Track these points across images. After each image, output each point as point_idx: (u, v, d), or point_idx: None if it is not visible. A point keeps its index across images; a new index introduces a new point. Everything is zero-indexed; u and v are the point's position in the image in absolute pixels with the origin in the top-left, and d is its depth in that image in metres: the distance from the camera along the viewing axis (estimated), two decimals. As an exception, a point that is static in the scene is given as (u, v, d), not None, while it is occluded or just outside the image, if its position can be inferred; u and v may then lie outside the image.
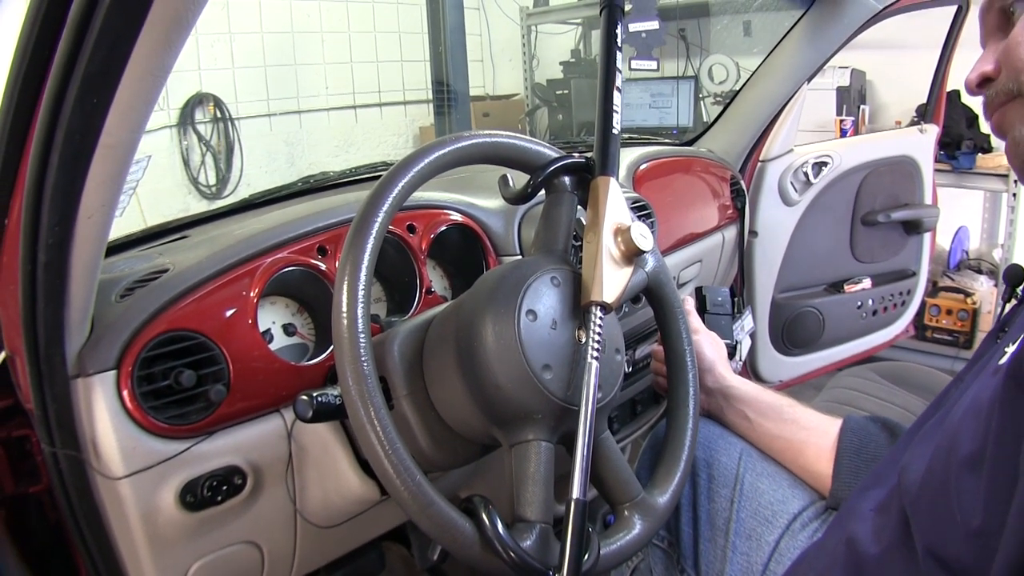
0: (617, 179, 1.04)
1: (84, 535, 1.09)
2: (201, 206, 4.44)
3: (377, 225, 0.90)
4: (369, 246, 0.88)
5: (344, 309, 0.86)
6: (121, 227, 1.31)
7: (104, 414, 1.00)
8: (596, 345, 0.91)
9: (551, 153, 1.09)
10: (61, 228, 0.87)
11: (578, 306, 0.98)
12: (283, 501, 1.19)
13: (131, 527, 1.07)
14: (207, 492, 1.08)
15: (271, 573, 1.27)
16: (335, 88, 5.00)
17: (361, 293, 0.87)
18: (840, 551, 0.81)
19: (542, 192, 1.10)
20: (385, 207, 0.91)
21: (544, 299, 0.96)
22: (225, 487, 1.10)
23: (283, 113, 4.77)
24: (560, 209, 1.07)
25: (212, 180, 4.58)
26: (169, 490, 1.06)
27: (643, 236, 0.98)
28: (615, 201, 1.01)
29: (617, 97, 1.07)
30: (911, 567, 0.68)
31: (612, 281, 0.96)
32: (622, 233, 0.98)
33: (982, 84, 0.83)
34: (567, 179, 1.07)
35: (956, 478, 0.63)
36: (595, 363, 0.90)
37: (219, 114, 4.53)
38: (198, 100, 4.48)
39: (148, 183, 4.04)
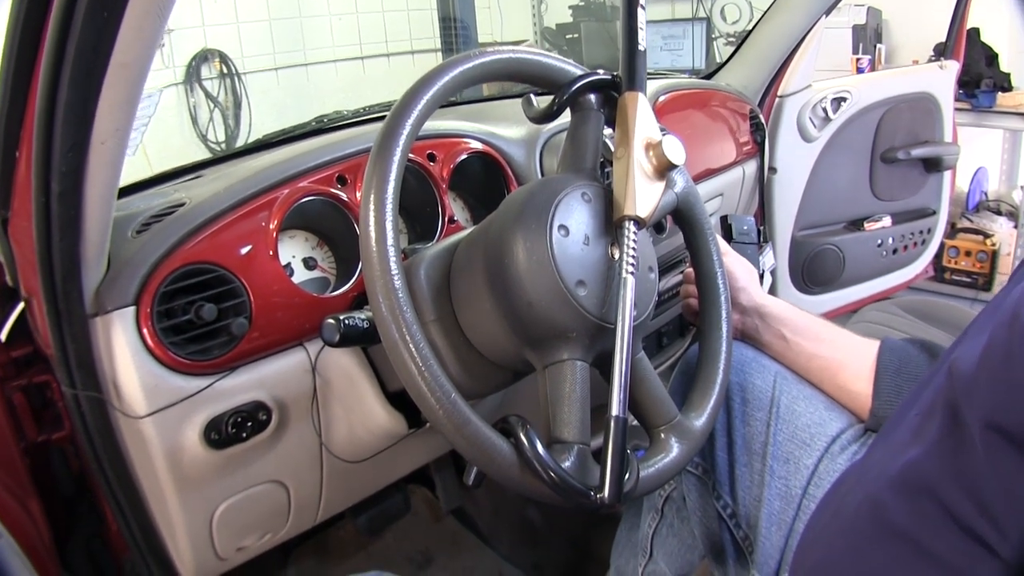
0: (645, 95, 1.00)
1: (108, 478, 1.09)
2: (211, 164, 4.41)
3: (404, 137, 0.86)
4: (396, 158, 0.85)
5: (372, 222, 0.82)
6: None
7: (124, 351, 0.99)
8: (631, 260, 0.88)
9: (576, 70, 1.05)
10: (74, 155, 0.85)
11: (610, 222, 0.95)
12: (309, 437, 1.18)
13: (156, 467, 1.06)
14: (232, 429, 1.07)
15: (297, 514, 1.26)
16: (341, 39, 4.92)
17: (389, 206, 0.83)
18: (887, 464, 0.79)
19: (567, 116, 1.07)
20: (411, 119, 0.87)
21: (576, 214, 0.93)
22: (250, 423, 1.09)
23: (290, 66, 4.71)
24: (587, 127, 1.04)
25: (221, 137, 4.54)
26: (193, 428, 1.05)
27: (675, 150, 0.95)
28: (644, 116, 0.98)
29: (641, 14, 1.03)
30: (958, 460, 0.66)
31: (645, 196, 0.93)
32: (653, 148, 0.95)
33: None
34: (593, 97, 1.04)
35: (1021, 344, 0.61)
36: (631, 278, 0.87)
37: (225, 70, 4.48)
38: (203, 56, 4.43)
39: (157, 141, 4.01)
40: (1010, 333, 0.62)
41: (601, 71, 1.04)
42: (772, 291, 2.47)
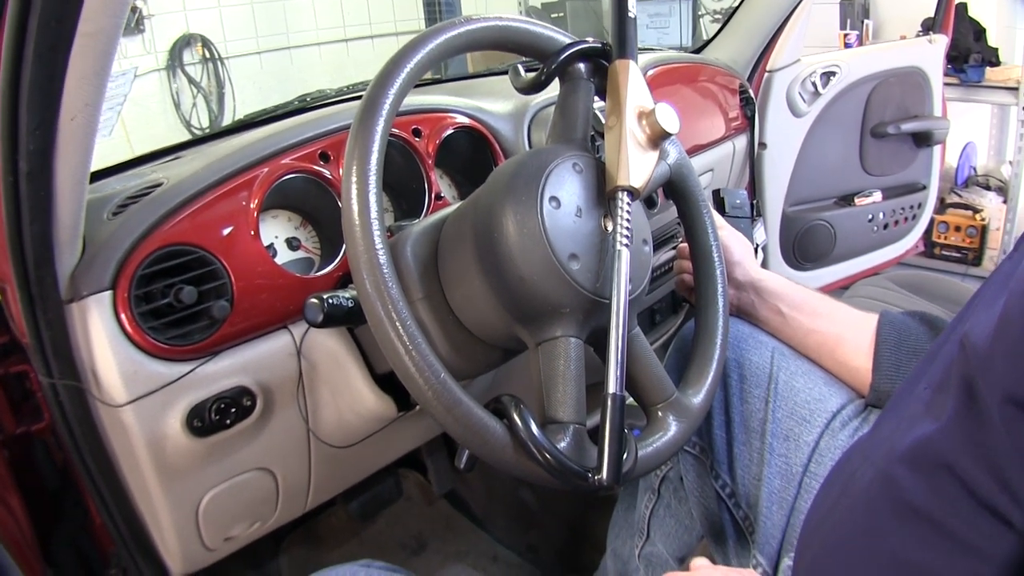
0: (636, 62, 0.97)
1: (90, 469, 1.06)
2: (194, 150, 4.39)
3: (387, 107, 0.83)
4: (379, 129, 0.82)
5: (354, 195, 0.79)
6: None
7: (102, 338, 0.96)
8: (625, 232, 0.86)
9: (564, 38, 1.02)
10: (42, 132, 0.82)
11: (603, 193, 0.93)
12: (295, 422, 1.15)
13: (138, 457, 1.04)
14: (215, 416, 1.04)
15: (286, 502, 1.24)
16: (325, 22, 4.87)
17: (373, 179, 0.80)
18: (895, 439, 0.77)
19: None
20: (395, 88, 0.84)
21: (567, 186, 0.90)
22: (234, 409, 1.06)
23: (273, 50, 4.67)
24: (576, 97, 1.01)
25: (205, 122, 4.50)
26: (175, 415, 1.02)
27: (669, 118, 0.92)
28: (636, 84, 0.95)
29: (631, -21, 1.00)
30: (977, 434, 0.64)
31: (638, 165, 0.90)
32: (646, 116, 0.92)
33: None
34: (582, 66, 1.01)
35: None
36: (625, 251, 0.85)
37: (208, 54, 4.44)
38: (186, 41, 4.39)
39: (141, 129, 3.97)
40: None
41: (591, 39, 1.01)
42: (764, 267, 2.45)
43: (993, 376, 0.62)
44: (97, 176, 1.21)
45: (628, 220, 0.87)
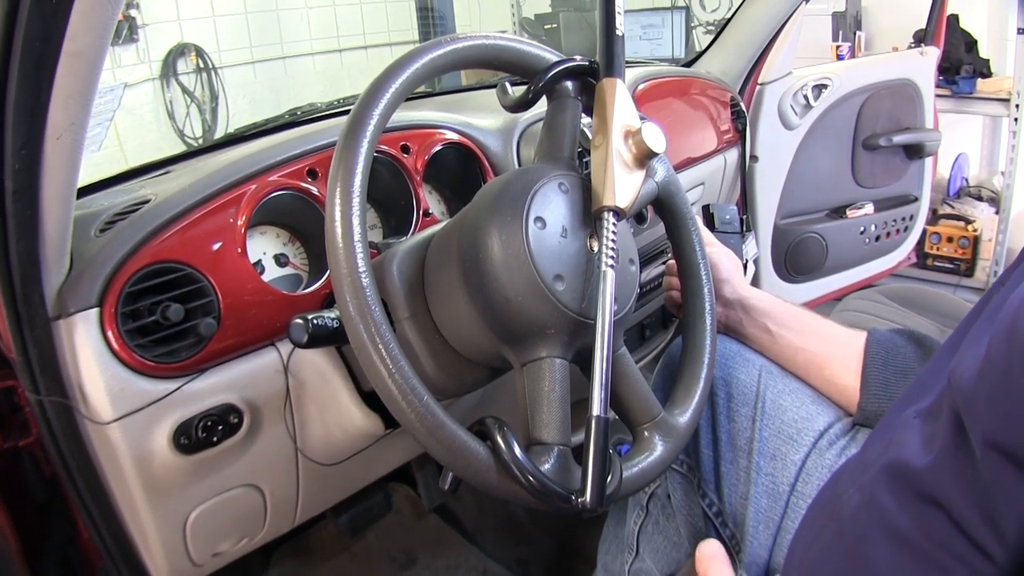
0: (624, 81, 0.97)
1: (78, 486, 1.06)
2: (187, 160, 4.40)
3: (371, 127, 0.83)
4: (363, 149, 0.82)
5: (338, 217, 0.79)
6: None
7: (89, 355, 0.95)
8: (611, 253, 0.86)
9: (552, 56, 1.02)
10: (28, 151, 0.81)
11: (589, 213, 0.92)
12: (283, 439, 1.14)
13: (125, 474, 1.03)
14: (202, 433, 1.04)
15: (274, 518, 1.23)
16: (319, 32, 4.88)
17: (356, 200, 0.80)
18: (883, 464, 0.76)
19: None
20: (379, 109, 0.84)
21: (552, 206, 0.90)
22: (221, 427, 1.05)
23: (267, 60, 4.67)
24: (564, 115, 1.01)
25: (198, 132, 4.50)
26: (162, 432, 1.01)
27: (655, 137, 0.91)
28: (623, 103, 0.95)
29: (619, -3, 1.00)
30: (966, 472, 0.64)
31: (624, 185, 0.90)
32: (633, 135, 0.92)
33: None
34: (570, 84, 1.01)
35: (1022, 360, 0.58)
36: (611, 271, 0.85)
37: (202, 64, 4.44)
38: (180, 51, 4.40)
39: (134, 138, 3.97)
40: (1009, 347, 0.59)
41: (578, 57, 1.01)
42: (755, 280, 2.46)
43: (976, 417, 0.61)
44: (85, 191, 1.21)
45: (614, 240, 0.87)
